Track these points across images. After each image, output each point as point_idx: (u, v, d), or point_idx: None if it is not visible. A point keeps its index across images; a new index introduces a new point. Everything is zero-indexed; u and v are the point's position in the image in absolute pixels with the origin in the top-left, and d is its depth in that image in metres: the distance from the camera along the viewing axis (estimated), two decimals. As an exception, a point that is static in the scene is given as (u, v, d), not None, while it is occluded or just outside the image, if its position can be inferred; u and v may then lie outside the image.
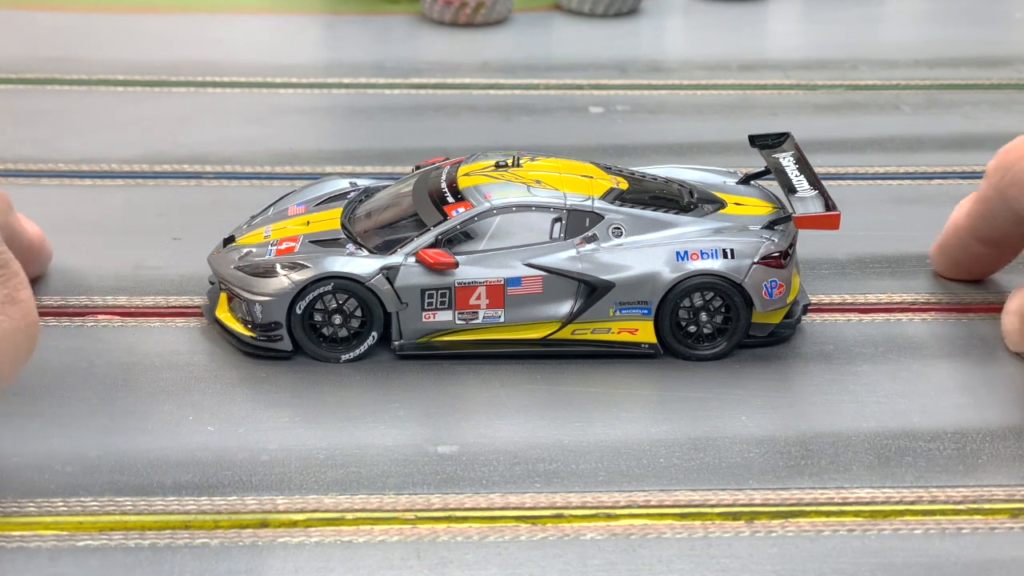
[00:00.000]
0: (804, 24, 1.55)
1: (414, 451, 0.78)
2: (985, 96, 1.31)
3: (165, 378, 0.83)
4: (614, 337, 0.86)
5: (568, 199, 0.86)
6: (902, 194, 1.11)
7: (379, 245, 0.86)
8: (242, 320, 0.86)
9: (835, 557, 0.71)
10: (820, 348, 0.89)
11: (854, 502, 0.75)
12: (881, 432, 0.81)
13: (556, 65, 1.37)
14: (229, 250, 0.89)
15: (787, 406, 0.83)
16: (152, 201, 1.06)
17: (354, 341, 0.85)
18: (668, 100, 1.29)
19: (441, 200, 0.87)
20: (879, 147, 1.19)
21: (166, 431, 0.79)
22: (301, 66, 1.34)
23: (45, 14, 1.45)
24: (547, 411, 0.82)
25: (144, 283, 0.93)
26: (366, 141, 1.18)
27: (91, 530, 0.71)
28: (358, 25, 1.47)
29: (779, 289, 0.86)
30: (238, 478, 0.75)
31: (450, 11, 1.45)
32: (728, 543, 0.72)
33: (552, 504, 0.74)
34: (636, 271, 0.85)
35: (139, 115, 1.21)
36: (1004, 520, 0.74)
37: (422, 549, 0.71)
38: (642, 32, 1.48)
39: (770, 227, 0.88)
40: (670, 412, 0.82)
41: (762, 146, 0.95)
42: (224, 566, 0.69)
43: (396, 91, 1.29)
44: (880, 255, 1.00)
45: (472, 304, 0.85)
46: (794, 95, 1.31)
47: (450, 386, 0.84)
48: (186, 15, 1.48)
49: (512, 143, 1.16)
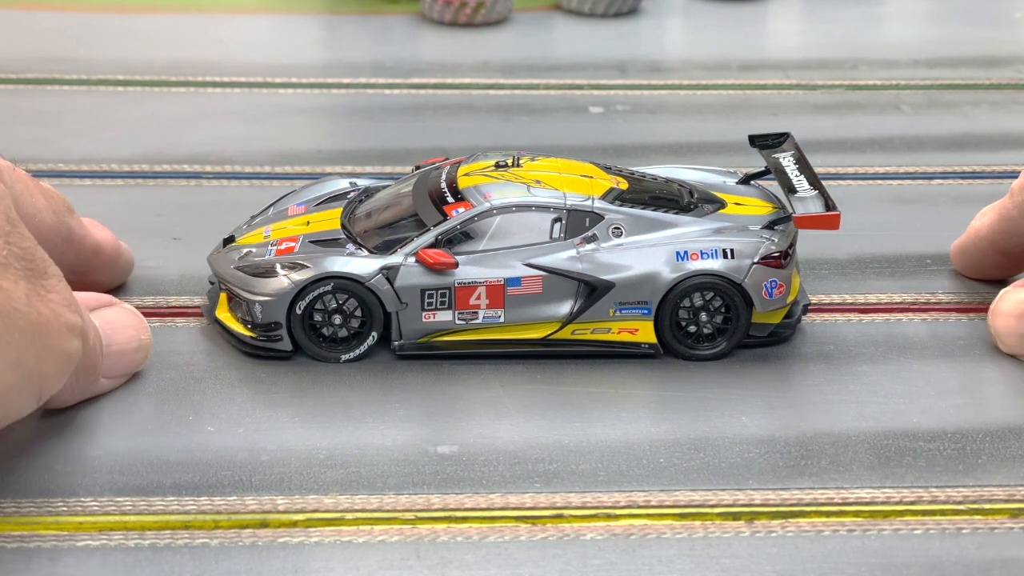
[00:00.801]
0: (804, 24, 1.55)
1: (414, 451, 0.78)
2: (985, 96, 1.31)
3: (165, 378, 0.83)
4: (614, 337, 0.86)
5: (568, 199, 0.86)
6: (902, 194, 1.11)
7: (379, 245, 0.86)
8: (242, 320, 0.86)
9: (835, 557, 0.71)
10: (820, 348, 0.89)
11: (854, 502, 0.75)
12: (881, 432, 0.81)
13: (556, 65, 1.37)
14: (229, 250, 0.89)
15: (787, 406, 0.83)
16: (152, 201, 1.06)
17: (354, 341, 0.85)
18: (668, 100, 1.29)
19: (441, 200, 0.87)
20: (879, 147, 1.19)
21: (166, 431, 0.79)
22: (301, 66, 1.34)
23: (45, 14, 1.45)
24: (547, 411, 0.82)
25: (144, 283, 0.93)
26: (366, 141, 1.18)
27: (91, 530, 0.71)
28: (358, 25, 1.47)
29: (779, 289, 0.86)
30: (238, 478, 0.75)
31: (450, 11, 1.45)
32: (728, 543, 0.72)
33: (552, 504, 0.74)
34: (636, 271, 0.85)
35: (139, 115, 1.21)
36: (1004, 520, 0.74)
37: (422, 549, 0.71)
38: (642, 32, 1.48)
39: (770, 227, 0.88)
40: (670, 412, 0.82)
41: (762, 146, 0.95)
42: (224, 566, 0.69)
43: (396, 91, 1.29)
44: (880, 255, 1.00)
45: (472, 304, 0.85)
46: (794, 95, 1.31)
47: (450, 386, 0.84)
48: (186, 15, 1.48)
49: (512, 143, 1.16)
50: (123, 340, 0.81)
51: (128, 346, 0.81)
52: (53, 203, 0.83)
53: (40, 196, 0.82)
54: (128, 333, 0.81)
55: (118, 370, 0.81)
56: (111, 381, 0.81)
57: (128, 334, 0.81)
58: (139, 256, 0.95)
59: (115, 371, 0.81)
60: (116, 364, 0.80)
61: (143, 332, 0.82)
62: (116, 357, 0.80)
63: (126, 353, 0.81)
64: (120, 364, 0.81)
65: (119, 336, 0.80)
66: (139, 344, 0.82)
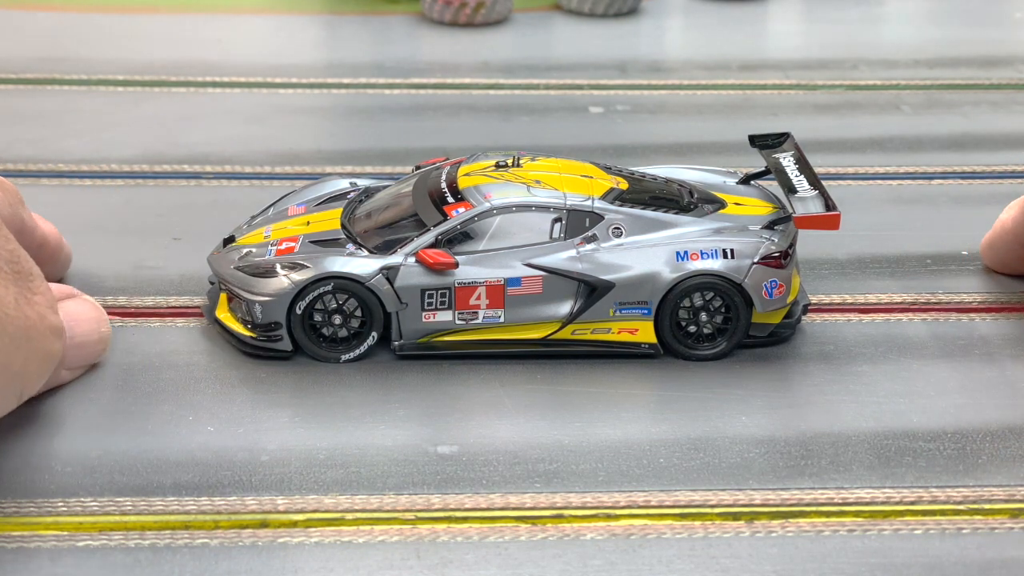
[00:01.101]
0: (804, 24, 1.55)
1: (414, 451, 0.78)
2: (985, 96, 1.31)
3: (165, 378, 0.83)
4: (614, 337, 0.86)
5: (568, 199, 0.86)
6: (902, 194, 1.11)
7: (379, 245, 0.86)
8: (242, 320, 0.86)
9: (835, 557, 0.71)
10: (820, 348, 0.89)
11: (854, 502, 0.75)
12: (881, 432, 0.81)
13: (556, 65, 1.37)
14: (229, 250, 0.89)
15: (787, 406, 0.83)
16: (152, 201, 1.06)
17: (354, 341, 0.85)
18: (668, 100, 1.29)
19: (441, 200, 0.87)
20: (879, 147, 1.19)
21: (166, 431, 0.79)
22: (301, 66, 1.34)
23: (45, 14, 1.45)
24: (547, 411, 0.82)
25: (144, 283, 0.93)
26: (366, 141, 1.18)
27: (91, 530, 0.71)
28: (358, 25, 1.47)
29: (779, 289, 0.86)
30: (238, 478, 0.75)
31: (450, 11, 1.45)
32: (728, 543, 0.72)
33: (552, 504, 0.74)
34: (636, 271, 0.85)
35: (139, 115, 1.21)
36: (1004, 520, 0.74)
37: (422, 549, 0.71)
38: (642, 32, 1.48)
39: (770, 227, 0.88)
40: (670, 412, 0.82)
41: (762, 146, 0.95)
42: (224, 566, 0.69)
43: (396, 91, 1.29)
44: (880, 255, 1.00)
45: (472, 304, 0.85)
46: (794, 95, 1.31)
47: (450, 386, 0.84)
48: (186, 15, 1.48)
49: (512, 143, 1.16)
50: (84, 332, 0.81)
51: (89, 338, 0.81)
52: (9, 195, 0.84)
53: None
54: (89, 326, 0.82)
55: (78, 361, 0.81)
56: (70, 372, 0.81)
57: (89, 327, 0.81)
58: (139, 256, 0.95)
59: (75, 362, 0.81)
60: (76, 355, 0.81)
61: (103, 324, 0.83)
62: (77, 348, 0.81)
63: (87, 345, 0.82)
64: (80, 355, 0.81)
65: (80, 328, 0.81)
66: (99, 336, 0.82)
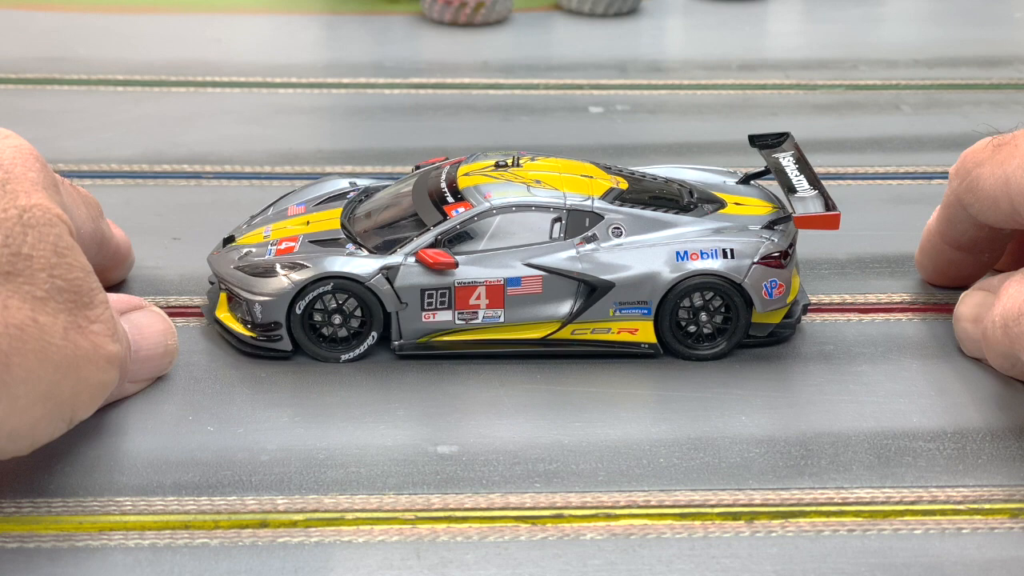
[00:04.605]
0: (804, 24, 1.55)
1: (414, 451, 0.78)
2: (985, 96, 1.31)
3: (165, 378, 0.83)
4: (614, 337, 0.86)
5: (568, 199, 0.86)
6: (902, 194, 1.11)
7: (379, 245, 0.86)
8: (242, 320, 0.86)
9: (835, 557, 0.71)
10: (820, 348, 0.89)
11: (854, 502, 0.75)
12: (881, 432, 0.81)
13: (556, 65, 1.37)
14: (229, 250, 0.89)
15: (787, 406, 0.83)
16: (151, 201, 1.06)
17: (354, 341, 0.85)
18: (668, 100, 1.29)
19: (441, 200, 0.87)
20: (879, 147, 1.19)
21: (166, 431, 0.79)
22: (301, 66, 1.34)
23: (45, 14, 1.45)
24: (547, 411, 0.82)
25: (144, 283, 0.93)
26: (366, 141, 1.18)
27: (91, 530, 0.71)
28: (358, 25, 1.47)
29: (779, 289, 0.86)
30: (238, 478, 0.75)
31: (450, 11, 1.45)
32: (728, 543, 0.72)
33: (552, 504, 0.74)
34: (636, 271, 0.85)
35: (139, 115, 1.21)
36: (1004, 520, 0.74)
37: (422, 549, 0.71)
38: (642, 32, 1.48)
39: (770, 227, 0.88)
40: (670, 412, 0.82)
41: (762, 146, 0.95)
42: (224, 566, 0.69)
43: (396, 91, 1.29)
44: (880, 255, 1.00)
45: (472, 304, 0.85)
46: (794, 95, 1.31)
47: (450, 386, 0.84)
48: (186, 15, 1.48)
49: (512, 143, 1.16)
50: (150, 345, 0.80)
51: (155, 351, 0.81)
52: (91, 209, 0.84)
53: (83, 206, 0.82)
54: (155, 339, 0.81)
55: (143, 374, 0.81)
56: (135, 385, 0.81)
57: (155, 340, 0.81)
58: (139, 256, 0.95)
59: (141, 375, 0.80)
60: (142, 369, 0.80)
61: (170, 337, 0.82)
62: (143, 362, 0.80)
63: (153, 358, 0.81)
64: (146, 369, 0.81)
65: (147, 342, 0.80)
66: (165, 349, 0.81)
